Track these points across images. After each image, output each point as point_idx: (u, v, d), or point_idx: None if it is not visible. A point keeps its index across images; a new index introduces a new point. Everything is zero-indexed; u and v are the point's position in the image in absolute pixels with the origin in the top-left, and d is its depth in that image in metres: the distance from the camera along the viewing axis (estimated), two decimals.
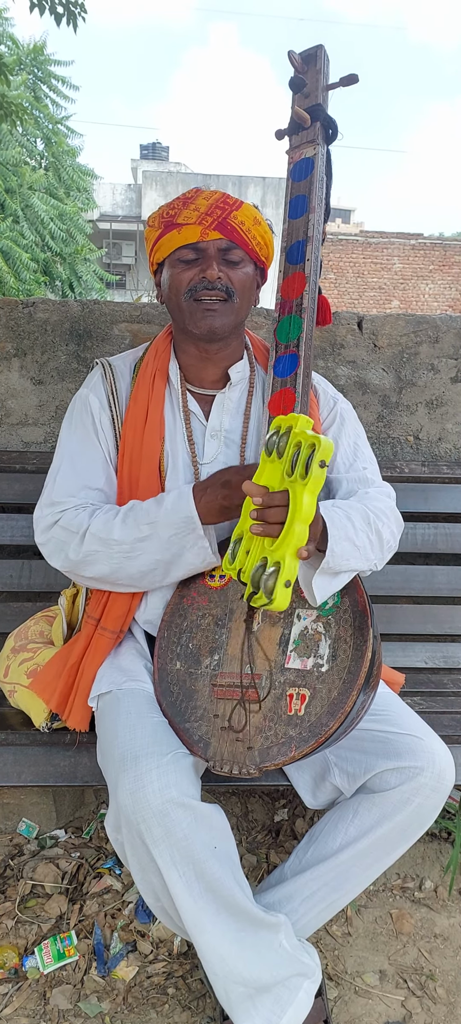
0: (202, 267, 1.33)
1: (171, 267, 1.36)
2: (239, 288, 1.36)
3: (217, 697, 1.24)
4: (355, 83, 1.42)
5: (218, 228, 1.32)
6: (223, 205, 1.33)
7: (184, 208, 1.33)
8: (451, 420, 2.13)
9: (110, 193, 21.88)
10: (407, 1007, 1.43)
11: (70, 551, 1.32)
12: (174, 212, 1.34)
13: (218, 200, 1.34)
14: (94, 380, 1.45)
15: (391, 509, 1.38)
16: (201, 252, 1.34)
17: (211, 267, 1.32)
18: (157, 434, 1.39)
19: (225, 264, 1.35)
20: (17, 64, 12.39)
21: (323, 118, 1.44)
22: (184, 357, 1.44)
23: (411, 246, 17.21)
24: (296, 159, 1.47)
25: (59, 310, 2.02)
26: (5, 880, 1.71)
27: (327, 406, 1.49)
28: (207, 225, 1.31)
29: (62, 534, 1.32)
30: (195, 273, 1.34)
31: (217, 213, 1.32)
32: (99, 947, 1.52)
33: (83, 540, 1.30)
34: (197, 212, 1.32)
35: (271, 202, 18.83)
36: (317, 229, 1.43)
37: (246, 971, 1.18)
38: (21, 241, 11.68)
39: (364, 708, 1.22)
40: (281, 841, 1.86)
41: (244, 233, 1.34)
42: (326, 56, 1.46)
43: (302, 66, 1.46)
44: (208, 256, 1.33)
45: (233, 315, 1.37)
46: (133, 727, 1.21)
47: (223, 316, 1.35)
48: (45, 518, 1.35)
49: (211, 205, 1.33)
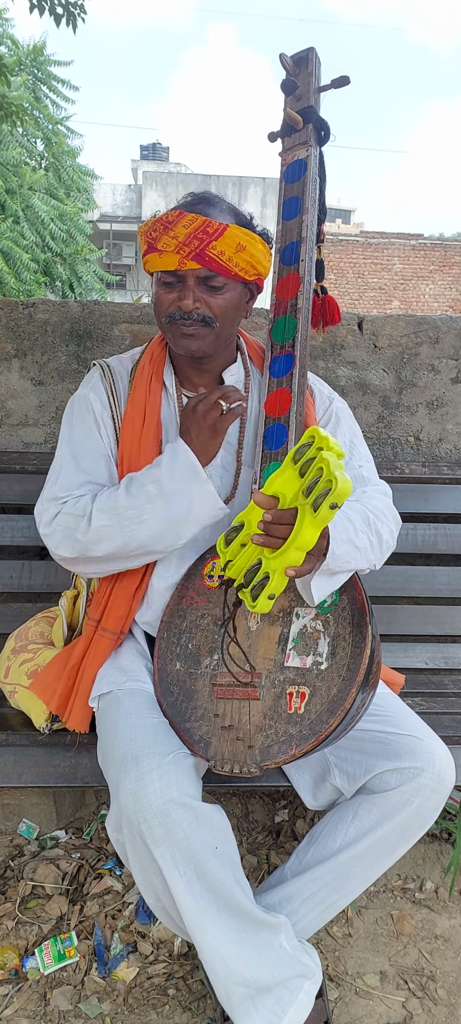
0: (180, 294, 1.31)
1: (156, 284, 1.36)
2: (219, 314, 1.33)
3: (217, 697, 1.24)
4: (346, 85, 1.43)
5: (196, 259, 1.28)
6: (201, 235, 1.27)
7: (164, 233, 1.29)
8: (451, 421, 2.13)
9: (110, 194, 21.90)
10: (408, 1008, 1.43)
11: (79, 533, 1.30)
12: (156, 236, 1.31)
13: (197, 229, 1.27)
14: (93, 380, 1.45)
15: (389, 508, 1.39)
16: (180, 278, 1.31)
17: (187, 297, 1.30)
18: (154, 437, 1.39)
19: (206, 290, 1.31)
20: (17, 65, 12.40)
21: (315, 120, 1.44)
22: (178, 363, 1.45)
23: (411, 246, 17.22)
24: (289, 161, 1.48)
25: (59, 311, 2.02)
26: (5, 881, 1.71)
27: (323, 405, 1.50)
28: (184, 255, 1.28)
29: (68, 520, 1.32)
30: (174, 298, 1.32)
31: (195, 244, 1.27)
32: (99, 948, 1.52)
33: (90, 519, 1.29)
34: (175, 241, 1.28)
35: (271, 203, 18.85)
36: (311, 230, 1.43)
37: (247, 972, 1.18)
38: (21, 242, 11.68)
39: (364, 706, 1.22)
40: (282, 842, 1.86)
41: (224, 263, 1.29)
42: (317, 58, 1.47)
43: (294, 69, 1.46)
44: (186, 285, 1.30)
45: (213, 337, 1.35)
46: (134, 727, 1.21)
47: (201, 339, 1.33)
48: (48, 511, 1.35)
49: (189, 235, 1.27)
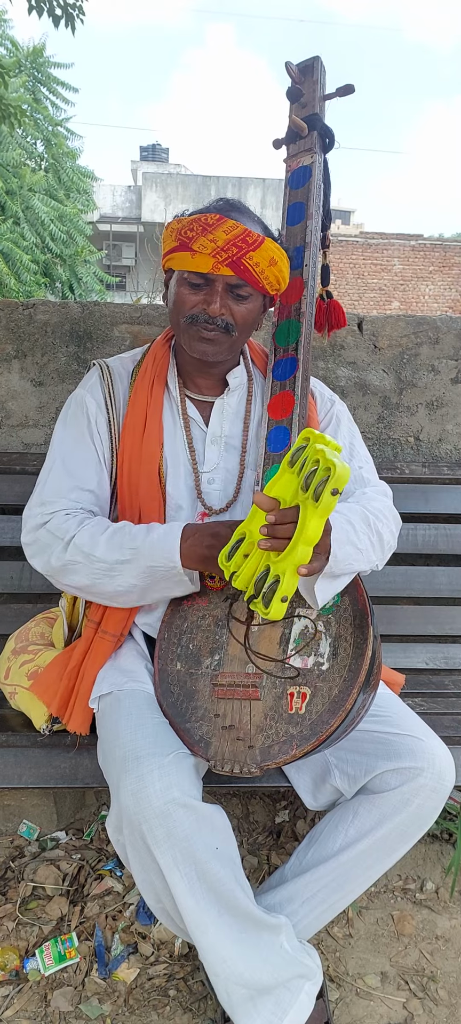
0: (207, 298, 1.31)
1: (178, 283, 1.34)
2: (240, 323, 1.34)
3: (218, 697, 1.24)
4: (351, 93, 1.44)
5: (230, 266, 1.28)
6: (241, 244, 1.27)
7: (202, 235, 1.27)
8: (451, 421, 2.13)
9: (110, 195, 21.88)
10: (409, 1009, 1.43)
11: (53, 557, 1.31)
12: (192, 235, 1.28)
13: (237, 237, 1.27)
14: (91, 381, 1.45)
15: (389, 508, 1.39)
16: (209, 282, 1.31)
17: (214, 302, 1.30)
18: (156, 440, 1.39)
19: (232, 298, 1.32)
20: (17, 66, 12.41)
21: (320, 127, 1.46)
22: (182, 365, 1.45)
23: (411, 247, 17.22)
24: (294, 167, 1.49)
25: (59, 312, 2.02)
26: (6, 882, 1.71)
27: (324, 408, 1.50)
28: (220, 260, 1.27)
29: (48, 537, 1.32)
30: (199, 301, 1.32)
31: (233, 252, 1.27)
32: (100, 949, 1.52)
33: (67, 548, 1.29)
34: (214, 245, 1.27)
35: (271, 203, 18.85)
36: (315, 235, 1.44)
37: (247, 972, 1.18)
38: (21, 243, 11.69)
39: (365, 707, 1.22)
40: (282, 843, 1.86)
41: (258, 274, 1.30)
42: (323, 67, 1.48)
43: (299, 77, 1.47)
44: (215, 290, 1.30)
45: (229, 346, 1.36)
46: (134, 728, 1.21)
47: (218, 346, 1.34)
48: (34, 518, 1.35)
49: (229, 241, 1.26)
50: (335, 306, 1.51)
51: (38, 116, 12.97)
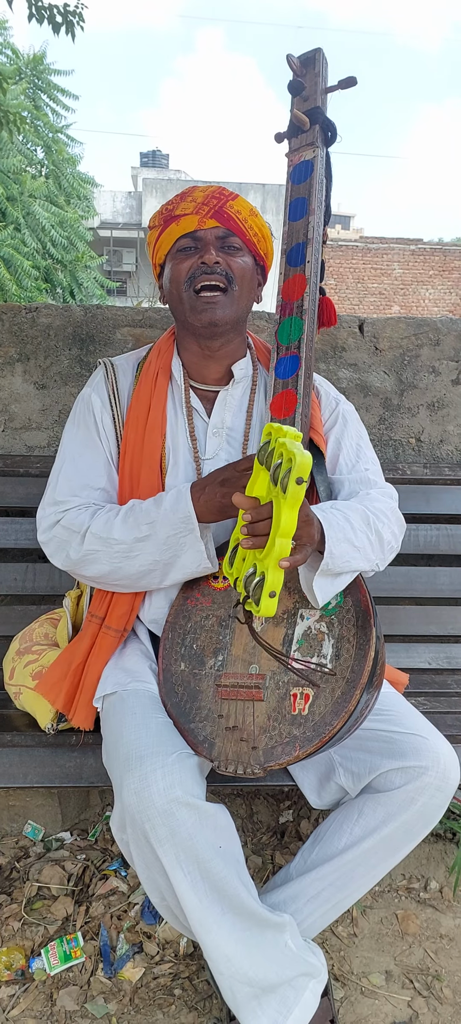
0: (201, 254, 1.37)
1: (172, 261, 1.40)
2: (238, 275, 1.38)
3: (221, 698, 1.24)
4: (354, 85, 1.43)
5: (215, 216, 1.36)
6: (219, 195, 1.38)
7: (182, 201, 1.39)
8: (452, 422, 2.14)
9: (110, 201, 21.94)
10: (413, 1007, 1.43)
11: (71, 550, 1.33)
12: (172, 206, 1.40)
13: (214, 191, 1.39)
14: (97, 380, 1.46)
15: (392, 510, 1.38)
16: (199, 240, 1.37)
17: (209, 252, 1.36)
18: (158, 431, 1.40)
19: (224, 251, 1.38)
20: (17, 73, 12.46)
21: (322, 121, 1.44)
22: (187, 355, 1.45)
23: (411, 251, 17.26)
24: (295, 162, 1.48)
25: (62, 315, 2.03)
26: (11, 882, 1.72)
27: (329, 407, 1.50)
28: (204, 214, 1.36)
29: (64, 533, 1.34)
30: (194, 261, 1.37)
31: (213, 203, 1.37)
32: (105, 948, 1.53)
33: (84, 539, 1.31)
34: (194, 203, 1.37)
35: (271, 208, 18.86)
36: (317, 231, 1.43)
37: (252, 971, 1.18)
38: (22, 249, 11.73)
39: (368, 707, 1.22)
40: (286, 842, 1.87)
41: (241, 222, 1.38)
42: (325, 59, 1.46)
43: (301, 69, 1.46)
44: (206, 243, 1.37)
45: (233, 305, 1.38)
46: (138, 727, 1.21)
47: (224, 307, 1.37)
48: (48, 517, 1.37)
49: (207, 195, 1.38)
50: (327, 303, 1.51)
51: (38, 123, 13.01)
